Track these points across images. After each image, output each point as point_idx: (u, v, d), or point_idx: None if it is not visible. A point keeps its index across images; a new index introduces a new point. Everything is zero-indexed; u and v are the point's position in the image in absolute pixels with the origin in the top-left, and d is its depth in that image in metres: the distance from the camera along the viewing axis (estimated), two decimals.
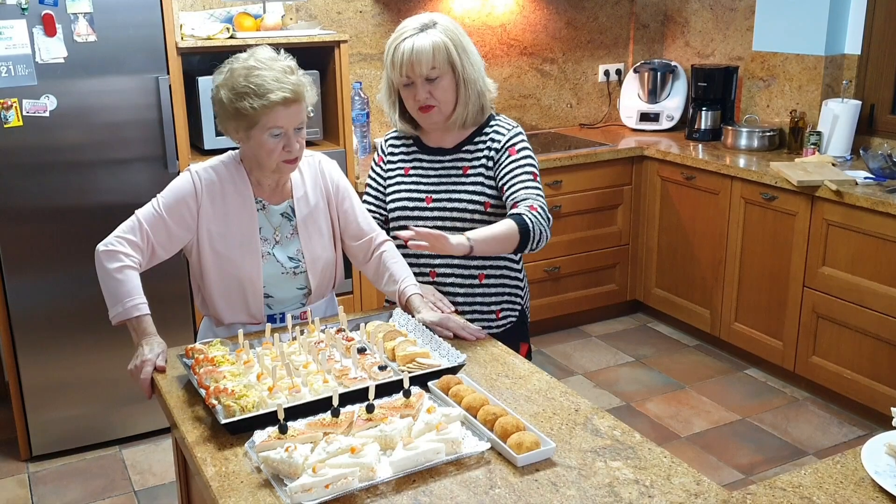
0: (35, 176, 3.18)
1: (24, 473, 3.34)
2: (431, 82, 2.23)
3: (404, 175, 2.41)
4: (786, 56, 4.35)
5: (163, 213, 2.11)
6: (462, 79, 2.25)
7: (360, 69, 4.33)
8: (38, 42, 3.06)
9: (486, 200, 2.31)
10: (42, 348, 3.31)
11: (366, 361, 1.90)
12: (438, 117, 2.30)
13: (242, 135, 2.08)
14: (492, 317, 2.41)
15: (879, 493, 1.44)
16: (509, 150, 2.30)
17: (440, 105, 2.26)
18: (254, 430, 1.65)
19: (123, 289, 2.03)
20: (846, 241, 3.55)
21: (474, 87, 2.28)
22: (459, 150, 2.36)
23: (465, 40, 2.27)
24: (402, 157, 2.44)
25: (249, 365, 1.89)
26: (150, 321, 2.04)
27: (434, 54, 2.19)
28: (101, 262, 2.06)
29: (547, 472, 1.55)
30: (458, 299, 2.37)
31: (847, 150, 4.02)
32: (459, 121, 2.32)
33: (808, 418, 3.72)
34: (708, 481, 1.52)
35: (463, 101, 2.28)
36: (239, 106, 2.02)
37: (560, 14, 4.86)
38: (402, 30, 2.24)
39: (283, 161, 2.09)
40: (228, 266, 2.16)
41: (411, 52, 2.19)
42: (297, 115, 2.06)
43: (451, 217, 2.32)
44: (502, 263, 2.40)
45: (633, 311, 4.87)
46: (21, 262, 3.22)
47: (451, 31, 2.24)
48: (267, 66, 2.03)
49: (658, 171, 4.46)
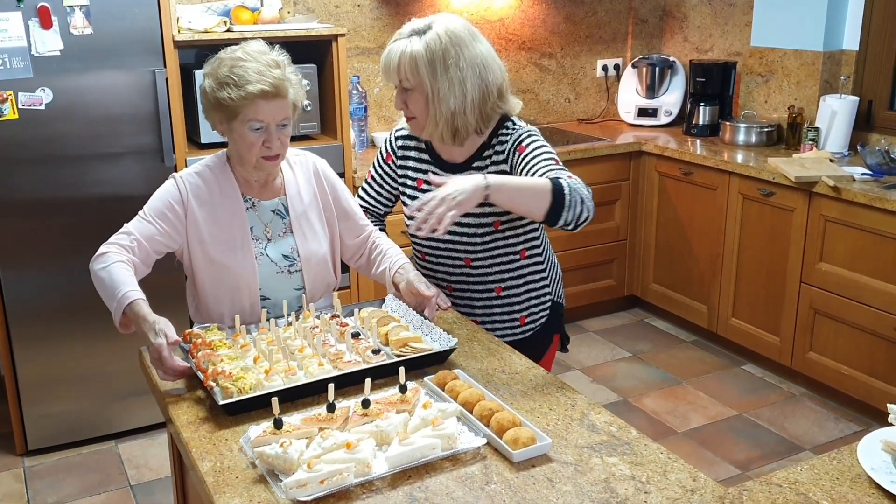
0: (31, 169, 3.17)
1: (19, 468, 3.34)
2: (406, 92, 2.15)
3: (417, 188, 2.30)
4: (784, 52, 4.34)
5: (151, 219, 2.07)
6: (430, 95, 2.10)
7: (357, 63, 4.32)
8: (34, 34, 3.04)
9: (496, 220, 2.20)
10: (38, 342, 3.30)
11: (360, 346, 1.92)
12: (417, 128, 2.20)
13: (225, 126, 2.06)
14: (515, 324, 2.32)
15: (875, 489, 1.43)
16: (518, 150, 2.16)
17: (417, 117, 2.16)
18: (251, 411, 1.67)
19: (111, 285, 1.93)
20: (844, 237, 3.54)
21: (443, 106, 2.09)
22: (469, 166, 2.22)
23: (453, 53, 2.07)
24: (414, 166, 2.32)
25: (246, 349, 1.91)
26: (143, 304, 1.89)
27: (400, 66, 2.09)
28: (92, 272, 1.99)
29: (543, 468, 1.55)
30: (476, 311, 2.31)
31: (845, 146, 4.02)
32: (435, 137, 2.18)
33: (804, 414, 3.72)
34: (704, 477, 1.52)
35: (433, 119, 2.13)
36: (219, 96, 1.99)
37: (558, 9, 4.85)
38: (398, 31, 2.18)
39: (263, 157, 2.05)
40: (222, 270, 2.12)
41: (386, 59, 2.13)
42: (278, 110, 2.02)
43: (461, 241, 2.22)
44: (525, 272, 2.28)
45: (631, 306, 4.87)
46: (16, 256, 3.21)
47: (437, 41, 2.07)
48: (252, 59, 2.00)
49: (656, 166, 4.45)
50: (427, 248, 2.32)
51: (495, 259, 2.25)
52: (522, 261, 2.28)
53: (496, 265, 2.26)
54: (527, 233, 2.27)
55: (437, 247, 2.29)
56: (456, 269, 2.29)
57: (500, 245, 2.24)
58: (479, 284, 2.29)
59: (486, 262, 2.26)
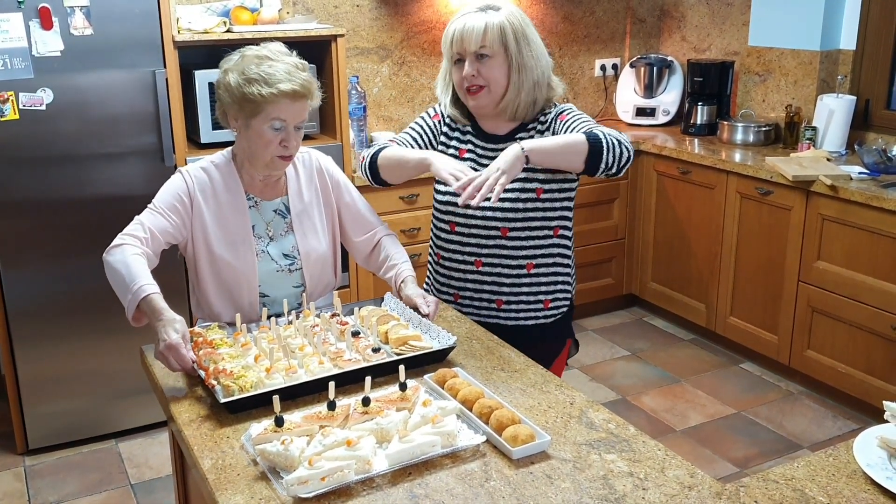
0: (31, 169, 3.18)
1: (20, 467, 3.35)
2: (481, 60, 2.16)
3: (458, 158, 2.30)
4: (781, 51, 4.36)
5: (162, 211, 2.10)
6: (516, 63, 2.16)
7: (356, 63, 4.33)
8: (35, 35, 3.05)
9: (539, 187, 2.21)
10: (38, 341, 3.31)
11: (360, 344, 1.94)
12: (487, 100, 2.20)
13: (242, 123, 2.07)
14: (539, 307, 2.31)
15: (871, 485, 1.45)
16: (559, 118, 2.22)
17: (490, 85, 2.17)
18: (252, 408, 1.68)
19: (127, 277, 1.92)
20: (841, 235, 3.56)
21: (530, 76, 2.18)
22: (511, 137, 2.24)
23: (531, 31, 2.20)
24: (458, 136, 2.34)
25: (247, 347, 1.93)
26: (158, 298, 1.89)
27: (486, 32, 2.13)
28: (106, 263, 1.99)
29: (542, 465, 1.56)
30: (504, 289, 2.28)
31: (842, 145, 4.03)
32: (511, 108, 2.22)
33: (802, 412, 3.74)
34: (702, 474, 1.53)
35: (515, 87, 2.18)
36: (247, 91, 2.00)
37: (557, 8, 4.86)
38: (463, 10, 2.21)
39: (278, 156, 2.07)
40: (223, 265, 2.14)
41: (463, 28, 2.15)
42: (301, 111, 2.06)
43: (502, 208, 2.22)
44: (555, 251, 2.29)
45: (629, 304, 4.88)
46: (17, 255, 3.22)
47: (515, 17, 2.18)
48: (280, 59, 2.04)
49: (654, 165, 4.46)
50: (462, 217, 2.28)
51: (532, 231, 2.25)
52: (555, 238, 2.28)
53: (531, 238, 2.25)
54: (564, 208, 2.28)
55: (474, 215, 2.26)
56: (490, 240, 2.26)
57: (538, 217, 2.24)
58: (511, 259, 2.27)
59: (523, 233, 2.24)
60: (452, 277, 2.34)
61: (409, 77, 4.46)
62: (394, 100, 4.50)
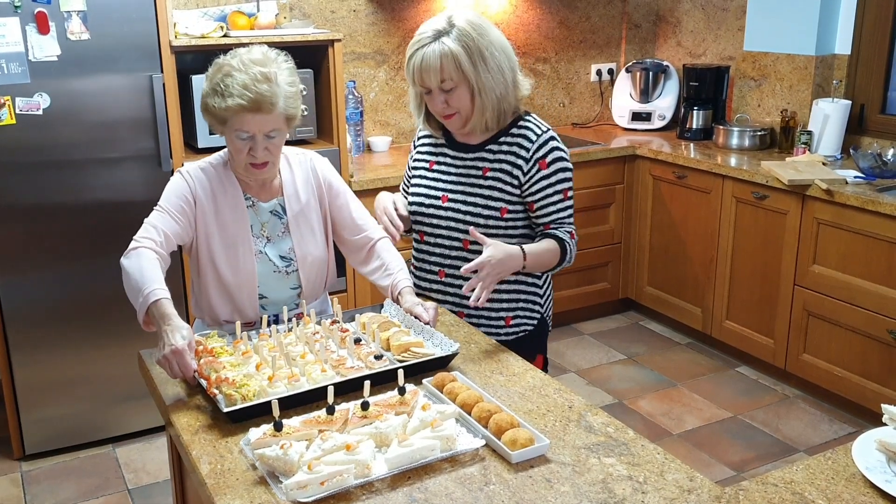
0: (28, 174, 3.17)
1: (17, 472, 3.34)
2: (447, 92, 2.17)
3: (428, 169, 2.37)
4: (777, 56, 4.37)
5: (171, 212, 2.10)
6: (476, 88, 2.16)
7: (353, 68, 4.33)
8: (32, 40, 3.05)
9: (503, 206, 2.24)
10: (35, 346, 3.30)
11: (361, 351, 1.93)
12: (459, 123, 2.24)
13: (219, 129, 2.10)
14: (500, 324, 2.33)
15: (870, 488, 1.45)
16: (539, 164, 2.23)
17: (460, 111, 2.20)
18: (255, 417, 1.67)
19: (140, 280, 1.92)
20: (836, 239, 3.57)
21: (491, 94, 2.18)
22: (483, 148, 2.28)
23: (484, 42, 2.15)
24: (429, 150, 2.39)
25: (248, 355, 1.91)
26: (167, 304, 1.88)
27: (443, 67, 2.11)
28: (123, 266, 1.98)
29: (541, 469, 1.56)
30: (465, 301, 2.29)
31: (837, 150, 4.04)
32: (478, 127, 2.25)
33: (798, 416, 3.74)
34: (701, 477, 1.53)
35: (479, 110, 2.20)
36: (207, 101, 2.04)
37: (553, 14, 4.87)
38: (418, 36, 2.17)
39: (250, 164, 2.08)
40: (222, 265, 2.15)
41: (421, 64, 2.14)
42: (264, 122, 2.03)
43: (465, 220, 2.25)
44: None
45: (626, 309, 4.89)
46: (14, 260, 3.21)
47: (467, 35, 2.13)
48: (243, 70, 2.00)
49: (650, 170, 4.47)
50: (428, 227, 2.34)
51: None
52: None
53: None
54: (526, 227, 2.29)
55: (439, 224, 2.31)
56: (453, 251, 2.30)
57: (499, 234, 2.25)
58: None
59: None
60: (421, 287, 2.41)
61: (405, 82, 4.46)
62: (390, 104, 4.51)
